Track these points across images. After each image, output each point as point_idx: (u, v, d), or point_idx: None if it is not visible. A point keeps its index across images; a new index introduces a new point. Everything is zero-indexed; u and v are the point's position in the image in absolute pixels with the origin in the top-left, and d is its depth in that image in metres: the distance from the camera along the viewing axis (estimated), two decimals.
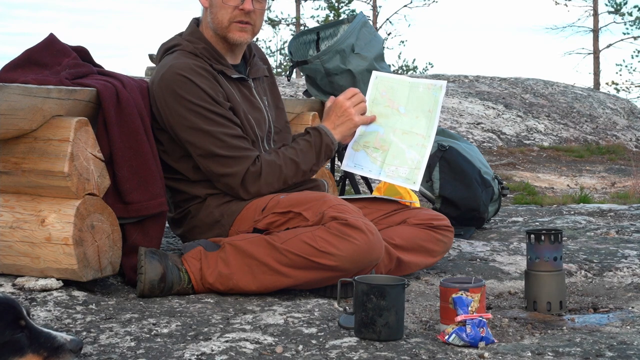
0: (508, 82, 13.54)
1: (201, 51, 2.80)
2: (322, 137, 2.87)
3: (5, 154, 2.53)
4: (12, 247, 2.56)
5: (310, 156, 2.85)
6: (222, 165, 2.73)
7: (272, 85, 3.07)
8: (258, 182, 2.76)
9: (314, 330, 2.22)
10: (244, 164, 2.73)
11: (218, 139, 2.72)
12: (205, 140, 2.72)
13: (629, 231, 3.94)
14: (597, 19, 27.70)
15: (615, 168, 9.42)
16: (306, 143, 2.86)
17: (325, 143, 2.86)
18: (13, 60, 2.69)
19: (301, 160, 2.82)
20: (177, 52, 2.81)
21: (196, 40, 2.84)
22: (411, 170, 2.96)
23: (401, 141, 2.98)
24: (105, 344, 2.09)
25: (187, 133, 2.73)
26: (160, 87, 2.75)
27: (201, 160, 2.75)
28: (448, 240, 3.00)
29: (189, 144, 2.74)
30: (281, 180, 2.79)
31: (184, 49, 2.81)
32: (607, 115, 12.78)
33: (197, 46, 2.81)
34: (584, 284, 2.96)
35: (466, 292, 2.15)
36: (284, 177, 2.79)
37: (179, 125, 2.73)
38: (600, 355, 2.01)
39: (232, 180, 2.74)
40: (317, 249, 2.53)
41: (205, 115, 2.71)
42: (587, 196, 6.58)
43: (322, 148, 2.86)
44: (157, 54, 2.95)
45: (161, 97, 2.74)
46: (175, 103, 2.72)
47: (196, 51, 2.80)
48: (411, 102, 2.99)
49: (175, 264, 2.61)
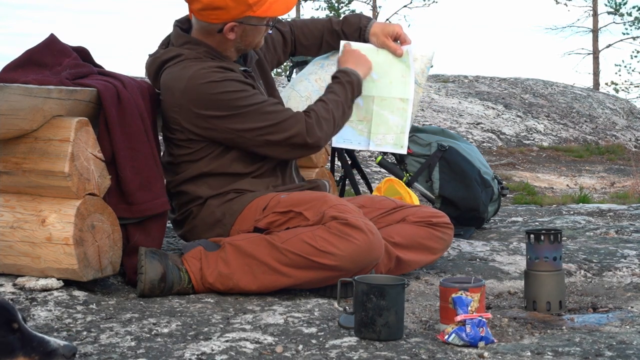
0: (508, 82, 13.53)
1: (204, 54, 2.80)
2: (350, 75, 2.96)
3: (5, 154, 2.53)
4: (13, 247, 2.56)
5: (346, 94, 2.94)
6: (283, 131, 2.76)
7: (259, 62, 3.06)
8: (321, 128, 2.81)
9: (314, 330, 2.23)
10: (299, 120, 2.78)
11: (265, 112, 2.75)
12: (255, 120, 2.73)
13: (628, 231, 3.94)
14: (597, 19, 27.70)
15: (615, 168, 9.42)
16: (339, 85, 2.94)
17: (356, 79, 2.97)
18: (14, 61, 2.69)
19: (342, 98, 2.92)
20: (185, 62, 2.77)
21: (194, 46, 2.82)
22: (397, 135, 3.09)
23: (381, 108, 3.09)
24: (105, 344, 2.09)
25: (236, 125, 2.73)
26: (189, 101, 2.71)
27: (258, 140, 2.76)
28: (448, 237, 2.99)
29: (242, 132, 2.74)
30: (333, 121, 2.87)
31: (188, 57, 2.79)
32: (607, 116, 12.78)
33: (198, 51, 2.81)
34: (583, 284, 2.96)
35: (466, 291, 2.16)
36: (334, 118, 2.88)
37: (225, 125, 2.73)
38: (600, 354, 2.01)
39: (299, 139, 2.78)
40: (318, 249, 2.53)
41: (243, 103, 2.73)
42: (587, 196, 6.58)
43: (353, 85, 2.95)
44: (151, 67, 2.88)
45: (193, 112, 2.72)
46: (214, 110, 2.71)
47: (199, 56, 2.79)
48: (381, 66, 3.09)
49: (175, 263, 2.61)
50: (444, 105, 11.35)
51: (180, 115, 2.75)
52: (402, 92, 3.07)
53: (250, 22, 2.77)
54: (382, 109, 3.07)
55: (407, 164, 4.01)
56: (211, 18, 2.75)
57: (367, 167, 7.49)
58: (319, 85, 3.18)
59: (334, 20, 3.24)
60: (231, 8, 2.72)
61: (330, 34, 3.22)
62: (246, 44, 2.84)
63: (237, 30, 2.78)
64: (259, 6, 2.73)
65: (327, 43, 3.24)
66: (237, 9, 2.72)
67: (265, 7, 2.74)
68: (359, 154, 8.21)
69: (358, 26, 3.17)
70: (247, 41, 2.83)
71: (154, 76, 2.87)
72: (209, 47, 2.82)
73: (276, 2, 2.76)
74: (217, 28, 2.78)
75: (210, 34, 2.81)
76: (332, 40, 3.23)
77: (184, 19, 2.92)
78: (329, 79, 3.03)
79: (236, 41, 2.82)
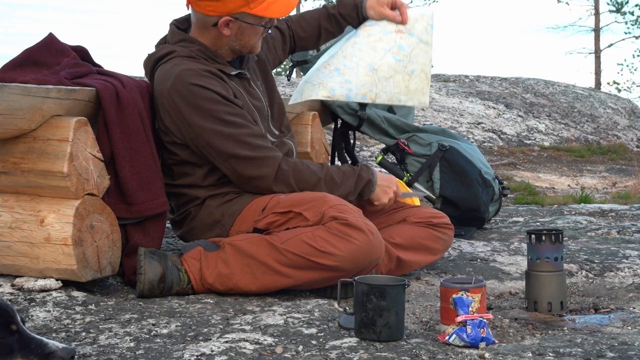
0: (509, 81, 13.53)
1: (197, 53, 2.78)
2: (370, 174, 2.84)
3: (4, 154, 2.52)
4: (11, 247, 2.56)
5: (347, 184, 2.80)
6: (250, 168, 2.71)
7: (260, 62, 3.04)
8: (288, 183, 2.73)
9: (314, 331, 2.22)
10: (273, 164, 2.71)
11: (241, 141, 2.69)
12: (229, 144, 2.68)
13: (630, 231, 3.93)
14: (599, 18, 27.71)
15: (616, 168, 9.41)
16: (350, 169, 2.84)
17: (368, 178, 2.83)
18: (12, 60, 2.69)
19: (339, 182, 2.79)
20: (176, 59, 2.75)
21: (188, 44, 2.80)
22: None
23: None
24: (104, 345, 2.08)
25: (209, 140, 2.68)
26: (174, 100, 2.69)
27: (225, 164, 2.71)
28: (448, 238, 2.99)
29: (213, 150, 2.70)
30: (308, 188, 2.75)
31: (180, 54, 2.77)
32: (608, 115, 12.77)
33: (191, 49, 2.79)
34: (584, 285, 2.95)
35: (467, 292, 2.15)
36: (308, 186, 2.75)
37: (200, 134, 2.69)
38: (601, 355, 2.00)
39: (264, 182, 2.72)
40: (318, 249, 2.52)
41: (224, 119, 2.68)
42: (588, 196, 6.57)
43: (363, 179, 2.82)
44: (147, 64, 2.87)
45: (176, 110, 2.70)
46: (193, 114, 2.68)
47: (192, 54, 2.78)
48: None
49: (174, 264, 2.60)
50: (445, 104, 11.34)
51: (164, 114, 2.73)
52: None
53: (246, 20, 2.75)
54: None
55: (408, 164, 4.00)
56: (208, 10, 2.74)
57: None
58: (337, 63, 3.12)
59: (329, 6, 3.21)
60: (228, 1, 2.71)
61: (327, 19, 3.19)
62: (242, 44, 2.81)
63: (232, 27, 2.76)
64: (257, 4, 2.72)
65: (325, 30, 3.21)
66: (234, 2, 2.71)
67: (263, 6, 2.72)
68: (359, 154, 8.21)
69: (354, 4, 3.14)
70: (243, 41, 2.80)
71: (150, 74, 2.86)
72: (203, 45, 2.80)
73: (275, 3, 2.74)
74: (212, 21, 2.76)
75: (205, 28, 2.79)
76: (330, 26, 3.20)
77: (183, 19, 2.91)
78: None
79: (231, 39, 2.79)
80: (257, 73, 3.00)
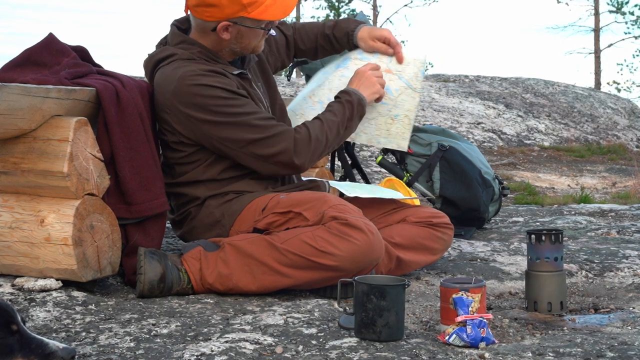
0: (509, 81, 13.53)
1: (198, 55, 2.78)
2: (351, 94, 2.89)
3: (4, 154, 2.52)
4: (11, 247, 2.56)
5: (344, 113, 2.87)
6: (268, 147, 2.72)
7: (260, 63, 3.04)
8: (309, 148, 2.76)
9: (314, 331, 2.22)
10: (288, 137, 2.73)
11: (253, 125, 2.70)
12: (243, 132, 2.70)
13: (629, 231, 3.93)
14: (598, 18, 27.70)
15: (616, 168, 9.41)
16: (339, 104, 2.89)
17: (357, 98, 2.90)
18: (12, 60, 2.68)
19: (339, 119, 2.85)
20: (176, 62, 2.75)
21: (189, 45, 2.80)
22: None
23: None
24: (104, 345, 2.08)
25: (224, 135, 2.69)
26: (179, 104, 2.69)
27: (244, 152, 2.72)
28: (448, 237, 2.99)
29: (229, 142, 2.71)
30: (325, 142, 2.81)
31: (181, 57, 2.76)
32: (608, 115, 12.78)
33: (192, 51, 2.79)
34: (584, 285, 2.95)
35: (467, 292, 2.15)
36: (327, 139, 2.81)
37: (213, 133, 2.70)
38: (601, 355, 2.00)
39: (285, 156, 2.73)
40: (317, 249, 2.52)
41: (233, 112, 2.69)
42: (588, 196, 6.58)
43: (353, 104, 2.89)
44: (148, 65, 2.87)
45: (183, 114, 2.70)
46: (201, 115, 2.68)
47: (193, 56, 2.77)
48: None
49: (174, 264, 2.60)
50: (445, 104, 11.35)
51: (170, 116, 2.74)
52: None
53: (244, 24, 2.74)
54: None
55: (408, 164, 4.00)
56: (205, 15, 2.74)
57: (368, 167, 7.49)
58: (312, 101, 3.14)
59: (327, 24, 3.21)
60: (224, 7, 2.70)
61: (323, 38, 3.20)
62: (242, 46, 2.81)
63: (231, 31, 2.76)
64: (254, 8, 2.71)
65: (321, 47, 3.21)
66: (231, 8, 2.70)
67: (261, 9, 2.72)
68: (359, 154, 8.21)
69: (346, 31, 3.15)
70: (243, 44, 2.80)
71: (150, 75, 2.86)
72: (203, 47, 2.79)
73: (272, 6, 2.73)
74: (211, 26, 2.75)
75: (205, 32, 2.79)
76: (325, 44, 3.20)
77: (184, 19, 2.91)
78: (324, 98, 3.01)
79: (231, 42, 2.79)
80: (258, 74, 3.00)
